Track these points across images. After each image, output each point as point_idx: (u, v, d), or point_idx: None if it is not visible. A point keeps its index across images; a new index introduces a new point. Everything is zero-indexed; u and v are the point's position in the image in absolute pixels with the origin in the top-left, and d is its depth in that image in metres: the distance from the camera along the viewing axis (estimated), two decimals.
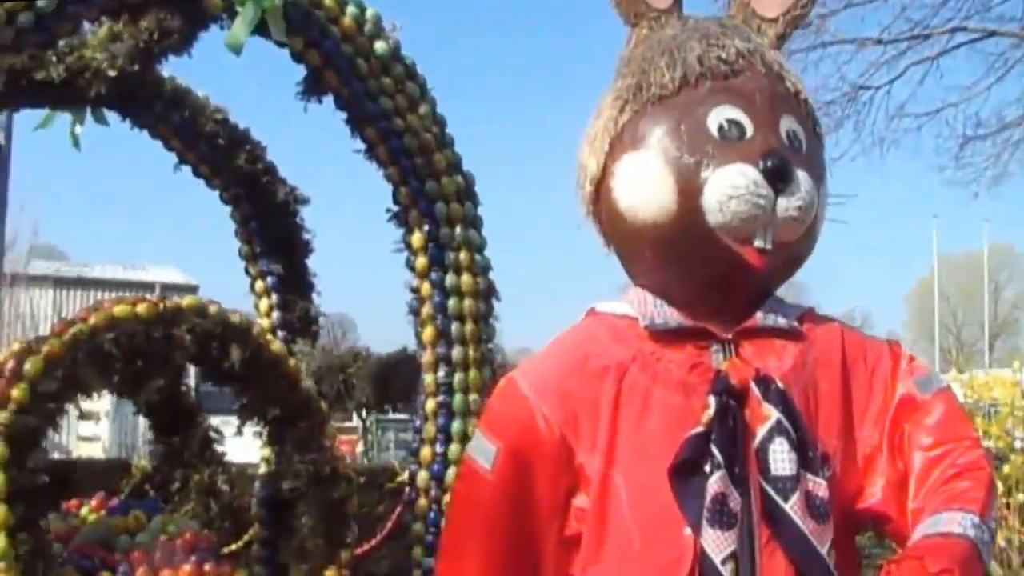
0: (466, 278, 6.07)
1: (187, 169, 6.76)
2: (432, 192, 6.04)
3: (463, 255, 6.07)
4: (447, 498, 5.91)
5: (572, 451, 2.85)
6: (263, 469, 6.98)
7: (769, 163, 2.74)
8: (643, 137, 2.85)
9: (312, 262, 7.08)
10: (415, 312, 6.08)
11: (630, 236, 2.93)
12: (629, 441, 2.78)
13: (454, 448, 5.93)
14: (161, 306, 5.17)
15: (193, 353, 5.20)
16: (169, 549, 5.25)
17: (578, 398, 2.84)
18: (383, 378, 6.51)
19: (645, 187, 2.83)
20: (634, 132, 2.87)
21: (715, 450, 2.66)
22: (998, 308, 64.95)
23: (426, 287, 6.04)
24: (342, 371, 6.53)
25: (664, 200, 2.80)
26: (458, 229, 6.09)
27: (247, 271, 7.03)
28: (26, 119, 7.48)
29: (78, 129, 6.54)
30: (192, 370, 6.25)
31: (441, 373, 5.97)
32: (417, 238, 6.04)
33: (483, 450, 2.94)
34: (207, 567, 5.23)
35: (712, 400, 2.72)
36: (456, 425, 5.95)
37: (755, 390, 2.74)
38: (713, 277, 2.87)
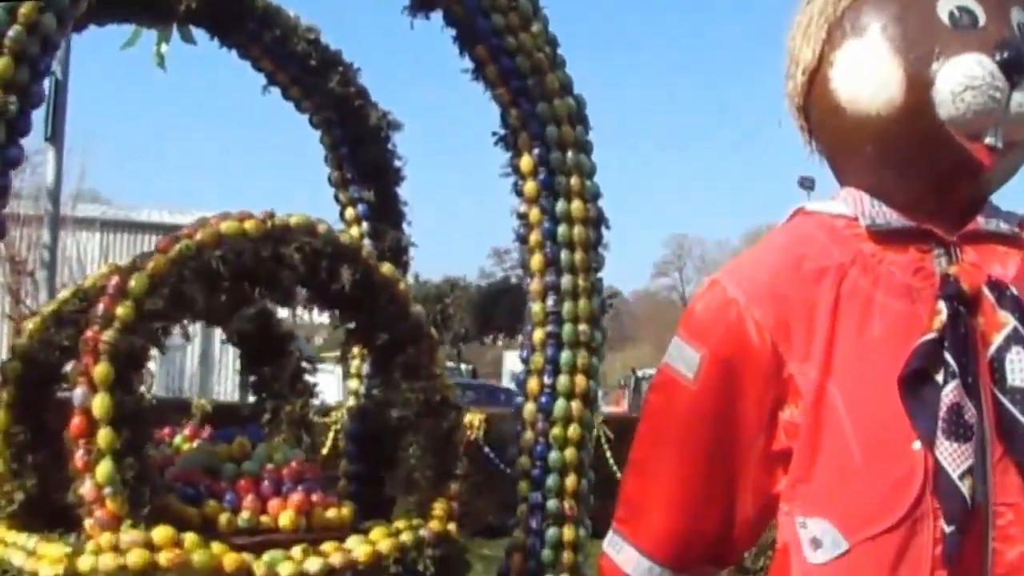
0: (577, 204, 5.80)
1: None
2: (544, 114, 5.73)
3: (574, 180, 5.80)
4: (555, 431, 5.71)
5: (782, 360, 2.59)
6: (351, 403, 6.80)
7: (1005, 54, 2.48)
8: (868, 23, 2.58)
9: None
10: (522, 239, 5.83)
11: (848, 130, 2.66)
12: (849, 349, 2.53)
13: (562, 380, 5.72)
14: (269, 223, 4.95)
15: (302, 274, 4.96)
16: (276, 478, 5.02)
17: (792, 302, 2.58)
18: (484, 308, 6.29)
19: (869, 77, 2.57)
20: (857, 18, 2.60)
21: (949, 357, 2.43)
22: None
23: (535, 213, 5.78)
24: (439, 301, 6.33)
25: (891, 91, 2.53)
26: (569, 153, 5.80)
27: (337, 198, 6.77)
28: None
29: (164, 48, 6.33)
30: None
31: (550, 302, 5.72)
32: (526, 162, 5.78)
33: (685, 358, 2.68)
34: (314, 497, 5.03)
35: (943, 305, 2.46)
36: (565, 356, 5.71)
37: (988, 296, 2.49)
38: (938, 175, 2.61)
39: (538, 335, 5.70)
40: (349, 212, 6.68)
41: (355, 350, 6.68)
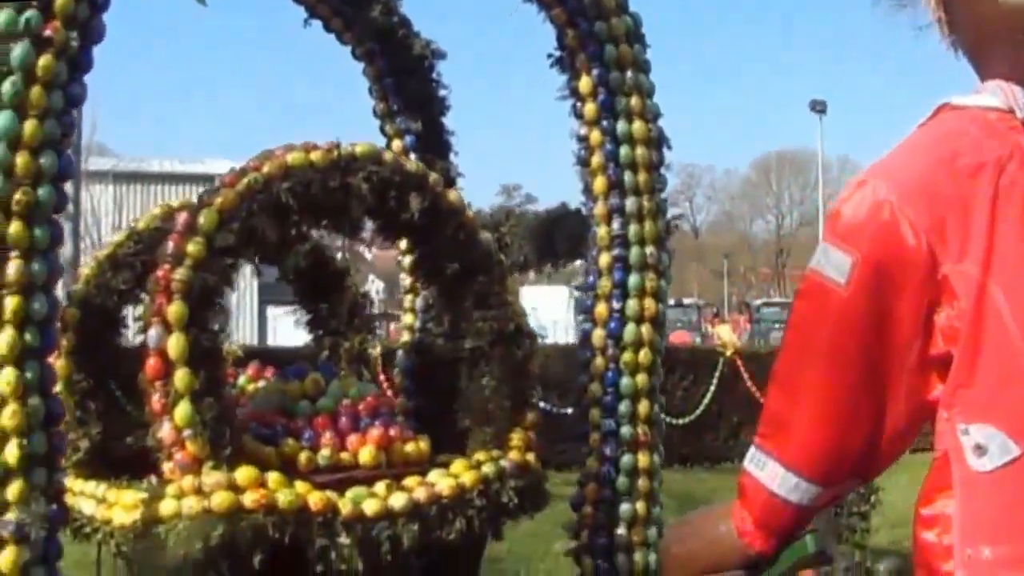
0: (638, 125, 5.47)
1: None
2: (601, 33, 5.37)
3: (634, 100, 5.46)
4: (625, 356, 5.43)
5: (938, 261, 2.31)
6: (405, 338, 6.52)
7: None
8: None
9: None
10: (583, 162, 5.52)
11: (998, 17, 2.38)
12: (1010, 246, 2.25)
13: (631, 304, 5.44)
14: (336, 153, 4.64)
15: (371, 204, 4.67)
16: (353, 413, 4.74)
17: (947, 200, 2.30)
18: (543, 235, 6.00)
19: None
20: None
21: None
22: None
23: (596, 135, 5.46)
24: (495, 230, 6.01)
25: None
26: (628, 73, 5.47)
27: (383, 131, 6.45)
28: None
29: None
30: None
31: (615, 225, 5.44)
32: (585, 83, 5.44)
33: (835, 262, 2.40)
34: (392, 432, 4.76)
35: None
36: (633, 279, 5.43)
37: None
38: None
39: (604, 259, 5.41)
40: (396, 144, 6.35)
41: (408, 281, 6.41)
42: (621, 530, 5.38)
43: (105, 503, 4.67)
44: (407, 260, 6.45)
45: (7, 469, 3.74)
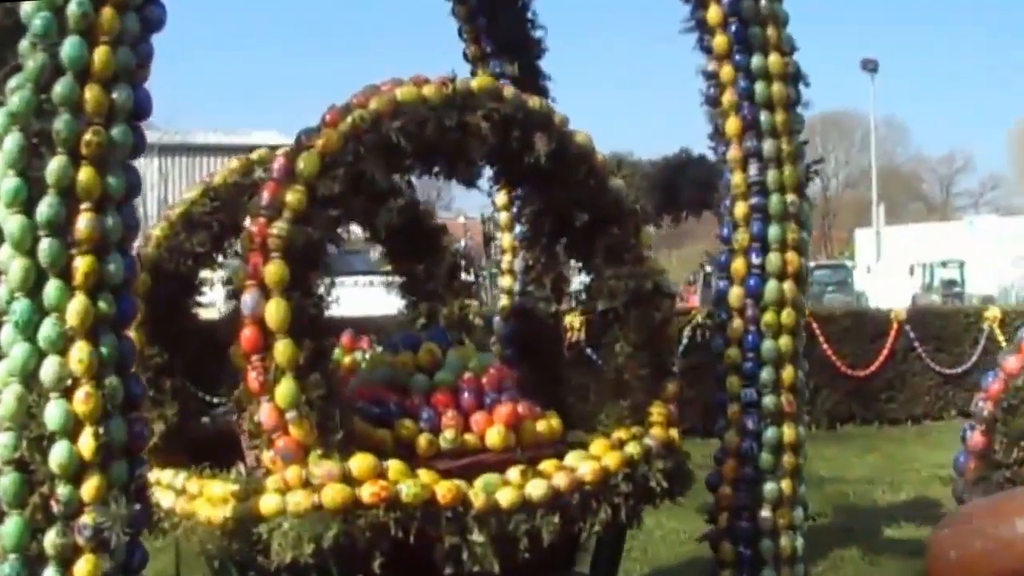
0: (774, 58, 4.57)
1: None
2: None
3: (770, 31, 4.57)
4: (766, 317, 4.54)
5: None
6: (503, 302, 5.65)
7: None
8: None
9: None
10: (713, 101, 4.63)
11: None
12: None
13: (772, 258, 4.54)
14: (451, 88, 3.76)
15: (492, 144, 3.80)
16: (477, 388, 3.86)
17: None
18: (665, 185, 5.11)
19: None
20: None
21: None
22: None
23: (727, 70, 4.56)
24: None
25: None
26: (763, 1, 4.62)
27: (473, 75, 5.61)
28: None
29: None
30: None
31: (752, 171, 4.55)
32: (714, 12, 4.52)
33: None
34: (521, 408, 3.88)
35: None
36: (773, 231, 4.53)
37: None
38: None
39: (740, 209, 4.54)
40: None
41: (507, 241, 5.54)
42: (765, 512, 4.52)
43: (186, 495, 3.82)
44: (503, 216, 5.60)
45: (82, 462, 2.90)
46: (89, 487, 2.91)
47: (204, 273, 4.65)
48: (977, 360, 14.38)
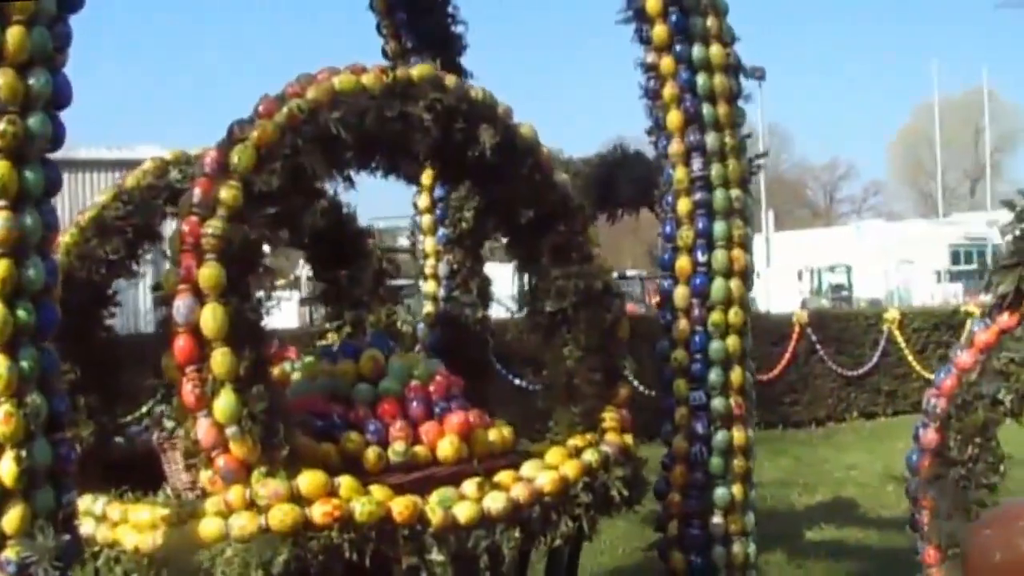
0: (715, 49, 4.40)
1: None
2: None
3: (711, 21, 4.39)
4: (714, 316, 4.36)
5: None
6: (428, 309, 5.40)
7: None
8: None
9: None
10: (653, 94, 4.44)
11: None
12: None
13: (719, 255, 4.36)
14: (390, 76, 3.50)
15: (434, 137, 3.55)
16: (425, 397, 3.61)
17: None
18: (600, 183, 4.90)
19: None
20: None
21: None
22: (979, 153, 61.63)
23: (667, 62, 4.38)
24: None
25: None
26: None
27: None
28: None
29: None
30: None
31: (695, 165, 4.36)
32: (653, 2, 4.34)
33: None
34: (472, 417, 3.64)
35: None
36: (719, 227, 4.36)
37: None
38: None
39: (683, 205, 4.35)
40: None
41: (430, 245, 5.30)
42: (717, 518, 4.34)
43: (107, 521, 3.50)
44: (425, 219, 5.36)
45: (3, 489, 2.59)
46: (11, 517, 2.60)
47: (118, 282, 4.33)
48: (878, 361, 14.50)
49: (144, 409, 5.14)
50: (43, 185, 2.74)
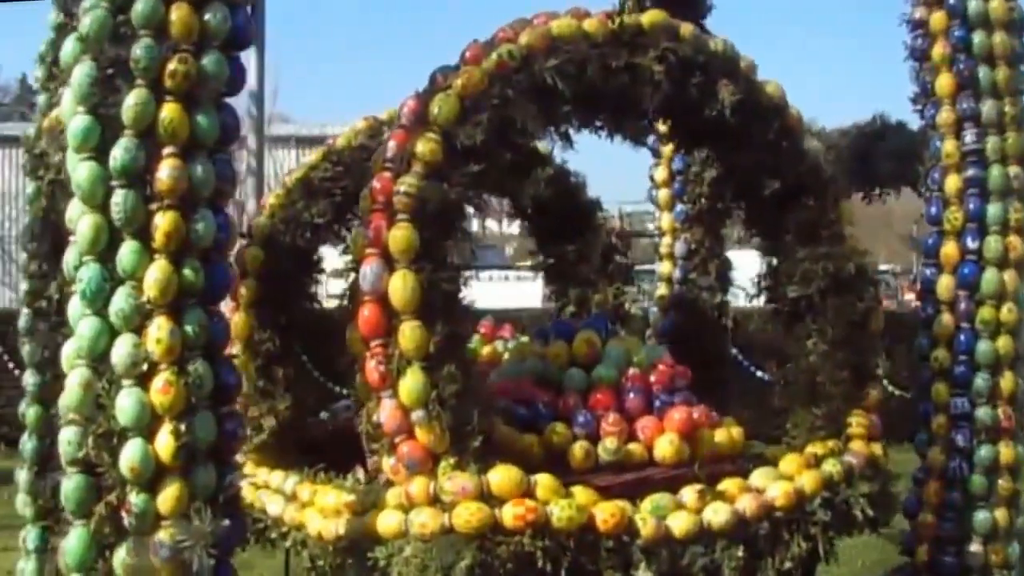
0: (996, 3, 3.80)
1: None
2: None
3: None
4: (983, 313, 3.76)
5: None
6: (661, 291, 4.93)
7: None
8: None
9: None
10: (920, 55, 3.86)
11: None
12: None
13: (992, 242, 3.75)
14: (616, 22, 3.06)
15: (666, 92, 3.08)
16: (644, 388, 3.17)
17: None
18: (859, 155, 4.33)
19: None
20: None
21: None
22: None
23: (938, 17, 3.80)
24: None
25: None
26: None
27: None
28: None
29: None
30: None
31: (968, 137, 3.76)
32: None
33: None
34: (696, 414, 3.16)
35: None
36: (993, 209, 3.75)
37: None
38: None
39: (952, 183, 3.76)
40: None
41: (666, 222, 4.83)
42: (975, 546, 3.74)
43: (296, 502, 3.19)
44: (662, 193, 4.89)
45: (159, 465, 2.28)
46: (167, 496, 2.32)
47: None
48: None
49: None
50: (217, 132, 2.42)
